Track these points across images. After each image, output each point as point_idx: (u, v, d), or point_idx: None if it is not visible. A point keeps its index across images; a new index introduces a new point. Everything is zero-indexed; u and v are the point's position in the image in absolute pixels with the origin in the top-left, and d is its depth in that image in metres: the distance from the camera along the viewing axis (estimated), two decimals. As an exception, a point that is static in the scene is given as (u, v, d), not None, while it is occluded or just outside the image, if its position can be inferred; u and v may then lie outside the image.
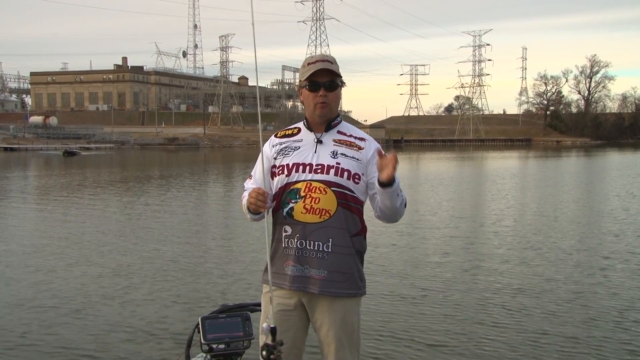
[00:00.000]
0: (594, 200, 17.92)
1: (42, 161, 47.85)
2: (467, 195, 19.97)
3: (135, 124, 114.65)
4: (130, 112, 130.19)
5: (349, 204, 2.63)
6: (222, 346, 2.63)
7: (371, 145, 2.72)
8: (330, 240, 2.58)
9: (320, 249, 2.58)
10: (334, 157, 2.65)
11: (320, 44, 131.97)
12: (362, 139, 2.74)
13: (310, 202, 2.60)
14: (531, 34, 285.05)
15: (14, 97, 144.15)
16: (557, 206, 16.07)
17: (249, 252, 9.65)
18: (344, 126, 2.78)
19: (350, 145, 2.70)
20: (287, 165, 2.68)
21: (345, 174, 2.62)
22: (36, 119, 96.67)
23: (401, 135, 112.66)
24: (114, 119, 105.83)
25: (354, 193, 2.65)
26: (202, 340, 2.60)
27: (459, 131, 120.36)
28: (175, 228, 12.38)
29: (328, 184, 2.61)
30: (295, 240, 2.61)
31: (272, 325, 2.24)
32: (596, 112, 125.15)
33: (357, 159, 2.67)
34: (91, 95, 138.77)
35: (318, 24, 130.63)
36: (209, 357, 2.64)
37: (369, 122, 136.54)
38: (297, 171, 2.66)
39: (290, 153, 2.71)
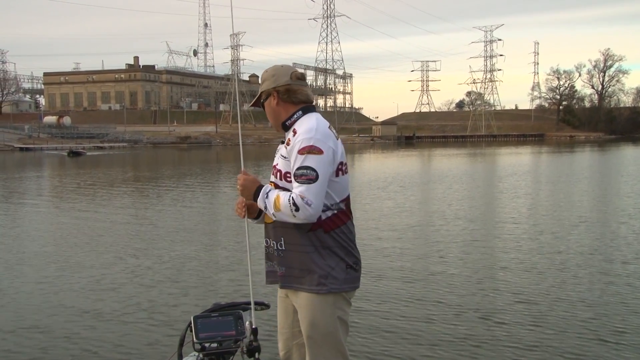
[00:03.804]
0: (611, 199, 17.60)
1: (45, 162, 47.01)
2: (478, 194, 19.80)
3: (147, 123, 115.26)
4: (142, 111, 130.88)
5: None
6: (214, 345, 2.65)
7: (296, 140, 2.61)
8: (282, 238, 2.71)
9: (276, 247, 2.73)
10: (277, 159, 2.76)
11: (331, 41, 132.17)
12: (295, 133, 2.65)
13: None
14: (543, 28, 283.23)
15: (27, 97, 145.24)
16: (573, 206, 15.86)
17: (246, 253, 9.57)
18: (300, 122, 2.70)
19: (288, 143, 2.67)
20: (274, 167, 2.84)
21: (279, 174, 2.72)
22: (50, 119, 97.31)
23: (413, 132, 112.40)
24: (126, 118, 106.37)
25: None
26: (195, 339, 2.63)
27: (471, 127, 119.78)
28: (180, 228, 12.45)
29: (275, 185, 2.74)
30: (266, 239, 2.82)
31: (254, 327, 2.42)
32: (610, 106, 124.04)
33: (286, 157, 2.68)
34: (103, 94, 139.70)
35: (329, 21, 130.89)
36: (201, 356, 2.65)
37: (380, 119, 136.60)
38: (271, 173, 2.83)
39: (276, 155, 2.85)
